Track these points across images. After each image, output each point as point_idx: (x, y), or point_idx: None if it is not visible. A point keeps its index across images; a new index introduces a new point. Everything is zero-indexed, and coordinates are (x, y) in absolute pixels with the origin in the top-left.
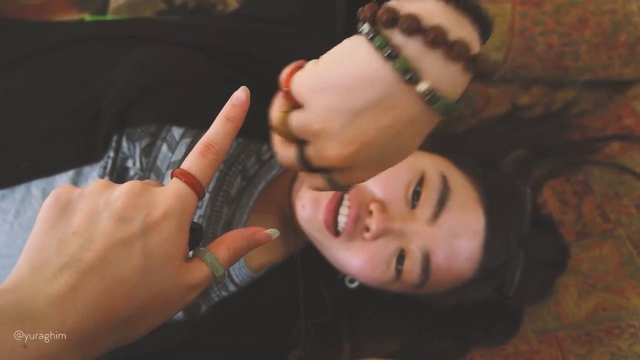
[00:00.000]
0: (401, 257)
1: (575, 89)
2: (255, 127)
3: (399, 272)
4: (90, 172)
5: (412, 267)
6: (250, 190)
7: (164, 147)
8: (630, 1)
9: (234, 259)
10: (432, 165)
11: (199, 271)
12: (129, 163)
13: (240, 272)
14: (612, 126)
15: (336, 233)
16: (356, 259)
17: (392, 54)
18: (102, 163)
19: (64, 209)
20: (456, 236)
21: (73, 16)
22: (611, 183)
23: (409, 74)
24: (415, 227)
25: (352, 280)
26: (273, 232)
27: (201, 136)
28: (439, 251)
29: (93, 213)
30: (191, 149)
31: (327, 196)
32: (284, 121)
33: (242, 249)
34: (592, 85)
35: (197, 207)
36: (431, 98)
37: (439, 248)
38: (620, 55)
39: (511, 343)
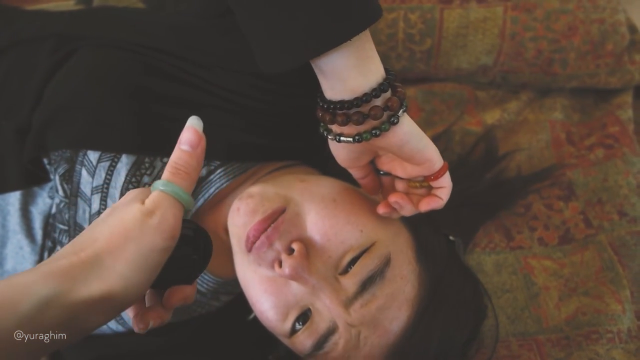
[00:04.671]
0: (304, 316)
1: (563, 95)
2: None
3: (293, 330)
4: (40, 191)
5: (308, 335)
6: None
7: (84, 172)
8: (618, 11)
9: (176, 173)
10: (387, 241)
11: (150, 195)
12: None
13: (202, 279)
14: (596, 134)
15: (250, 248)
16: (257, 287)
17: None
18: (50, 184)
19: None
20: (367, 325)
21: (60, 2)
22: (594, 189)
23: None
24: (331, 297)
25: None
26: (192, 121)
27: (118, 159)
28: (344, 334)
29: None
30: (111, 173)
31: (264, 212)
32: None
33: (181, 158)
34: (578, 92)
35: None
36: (393, 118)
37: (344, 330)
38: (607, 64)
39: (491, 348)
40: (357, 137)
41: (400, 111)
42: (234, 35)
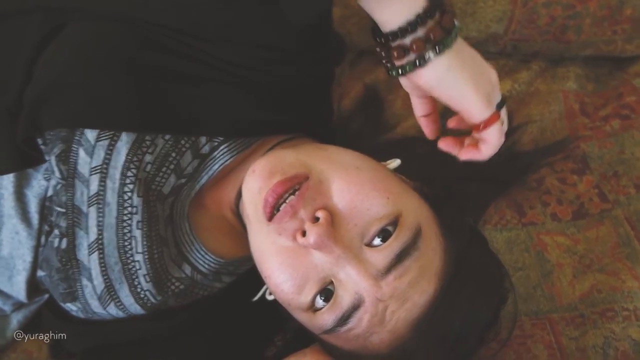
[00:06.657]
0: (327, 290)
1: (576, 64)
2: (185, 120)
3: (313, 304)
4: (34, 173)
5: (331, 311)
6: (192, 185)
7: (82, 152)
8: None
9: None
10: (413, 212)
11: None
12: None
13: (204, 259)
14: (612, 104)
15: (270, 217)
16: (274, 258)
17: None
18: (45, 165)
19: None
20: (396, 299)
21: None
22: (610, 162)
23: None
24: (358, 268)
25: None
26: None
27: (118, 137)
28: (370, 308)
29: None
30: (111, 152)
31: (283, 174)
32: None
33: None
34: (593, 61)
35: (133, 214)
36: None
37: (371, 305)
38: (625, 30)
39: (505, 328)
40: (388, 72)
41: (428, 52)
42: (237, 6)
